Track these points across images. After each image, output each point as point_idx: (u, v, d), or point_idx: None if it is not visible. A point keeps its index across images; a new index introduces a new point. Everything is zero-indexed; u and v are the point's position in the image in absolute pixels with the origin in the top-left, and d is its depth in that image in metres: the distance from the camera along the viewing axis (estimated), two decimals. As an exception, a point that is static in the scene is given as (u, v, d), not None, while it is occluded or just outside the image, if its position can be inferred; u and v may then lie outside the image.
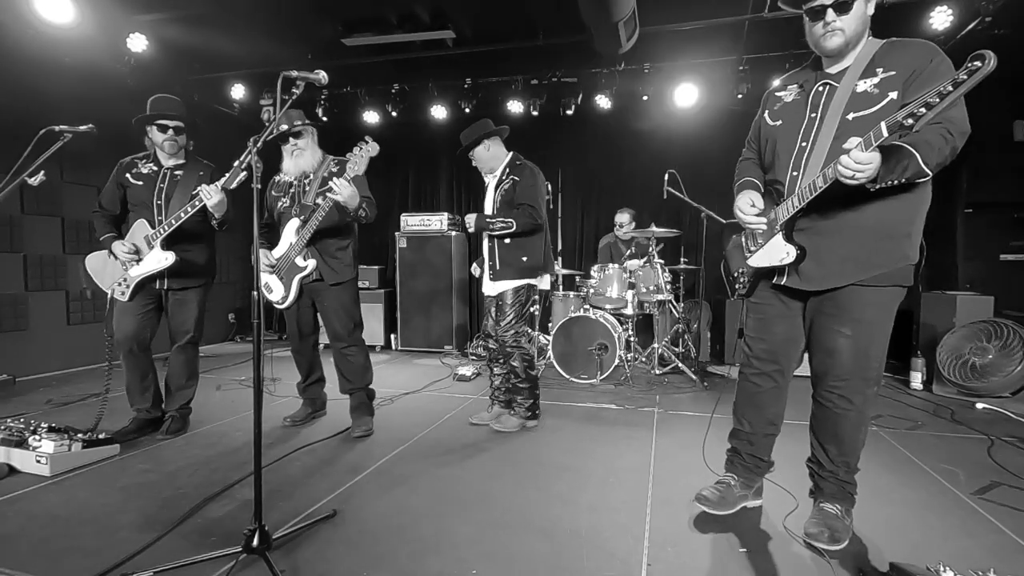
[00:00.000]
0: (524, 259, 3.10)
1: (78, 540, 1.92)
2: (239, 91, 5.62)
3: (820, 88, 1.83)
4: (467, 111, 5.56)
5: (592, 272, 4.71)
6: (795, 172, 1.83)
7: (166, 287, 2.98)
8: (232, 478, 2.44)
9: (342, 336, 3.10)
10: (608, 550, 1.87)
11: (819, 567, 1.78)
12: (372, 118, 5.87)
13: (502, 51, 4.93)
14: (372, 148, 2.74)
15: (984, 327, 3.87)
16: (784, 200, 1.85)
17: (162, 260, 2.87)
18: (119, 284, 2.92)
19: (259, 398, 1.76)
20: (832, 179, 1.64)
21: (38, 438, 2.50)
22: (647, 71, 5.10)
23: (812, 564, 1.80)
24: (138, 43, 4.60)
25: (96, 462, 2.61)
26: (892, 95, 1.66)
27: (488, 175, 3.24)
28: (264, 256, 3.01)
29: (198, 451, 2.80)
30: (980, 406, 3.64)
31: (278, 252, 3.03)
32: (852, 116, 1.72)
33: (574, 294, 4.96)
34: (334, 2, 4.34)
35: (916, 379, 4.20)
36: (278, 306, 3.09)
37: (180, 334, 3.06)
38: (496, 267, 3.15)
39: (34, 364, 4.53)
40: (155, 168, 2.98)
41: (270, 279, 3.07)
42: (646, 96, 5.23)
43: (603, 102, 5.32)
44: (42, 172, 2.66)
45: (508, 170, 3.15)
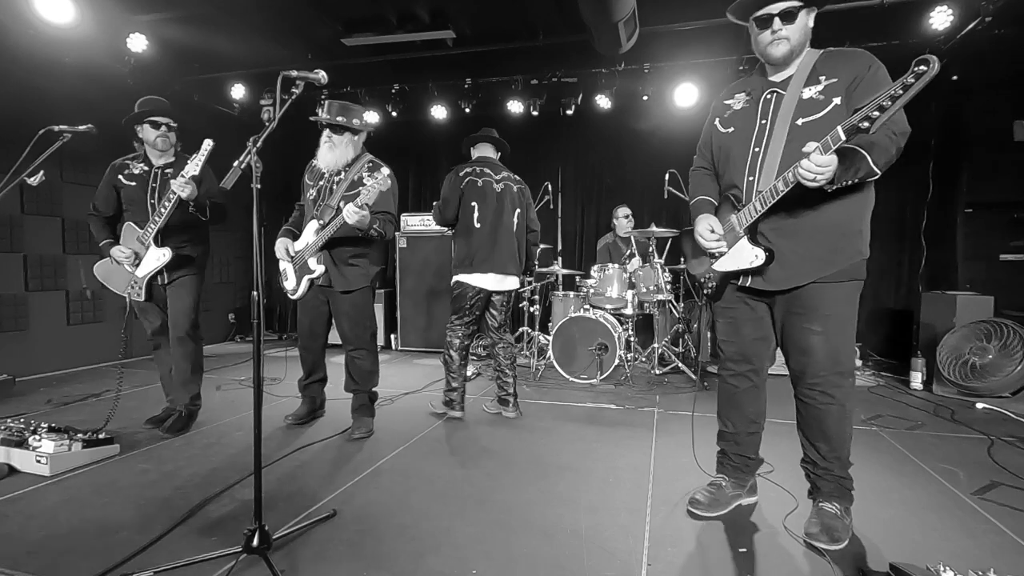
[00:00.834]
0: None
1: (78, 540, 1.92)
2: (239, 91, 5.61)
3: (768, 96, 1.90)
4: (467, 111, 5.56)
5: (592, 272, 4.71)
6: (751, 177, 1.89)
7: (165, 281, 3.02)
8: (232, 478, 2.44)
9: (351, 340, 3.11)
10: (608, 550, 1.87)
11: (819, 567, 1.78)
12: (372, 118, 5.86)
13: (502, 51, 4.92)
14: (383, 184, 2.64)
15: (984, 327, 3.87)
16: (744, 205, 1.90)
17: (160, 257, 2.92)
18: (131, 286, 3.00)
19: (259, 398, 1.77)
20: (793, 182, 1.70)
21: (38, 438, 2.50)
22: (647, 71, 5.09)
23: (812, 564, 1.80)
24: (138, 43, 4.60)
25: (96, 462, 2.61)
26: (836, 101, 1.75)
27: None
28: (285, 248, 3.03)
29: (198, 451, 2.81)
30: (980, 406, 3.65)
31: (299, 245, 3.05)
32: (801, 121, 1.80)
33: (574, 294, 4.97)
34: (334, 2, 4.34)
35: (916, 379, 4.20)
36: (291, 296, 3.14)
37: (176, 324, 3.09)
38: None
39: (34, 364, 4.53)
40: (146, 168, 3.01)
41: (288, 267, 3.10)
42: (646, 96, 5.22)
43: (603, 102, 5.31)
44: (41, 172, 2.68)
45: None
